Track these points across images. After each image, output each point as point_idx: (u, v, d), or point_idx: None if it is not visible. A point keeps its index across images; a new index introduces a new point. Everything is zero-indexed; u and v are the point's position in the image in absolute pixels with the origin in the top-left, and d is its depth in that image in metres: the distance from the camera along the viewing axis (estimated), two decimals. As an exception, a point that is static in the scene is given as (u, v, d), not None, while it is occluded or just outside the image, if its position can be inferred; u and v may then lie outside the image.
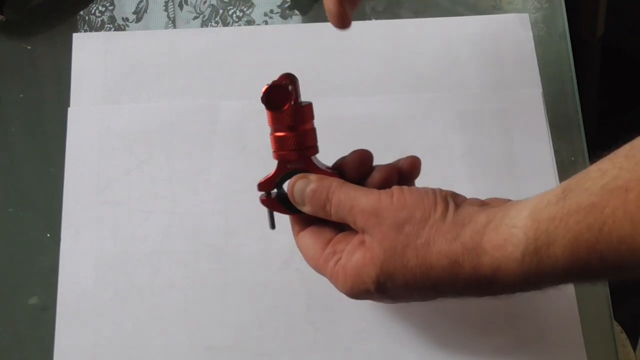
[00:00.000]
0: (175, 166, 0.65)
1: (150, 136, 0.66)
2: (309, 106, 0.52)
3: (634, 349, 0.84)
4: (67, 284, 0.61)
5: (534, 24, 0.71)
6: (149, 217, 0.63)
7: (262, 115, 0.66)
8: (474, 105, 0.67)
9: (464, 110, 0.67)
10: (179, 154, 0.65)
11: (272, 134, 0.52)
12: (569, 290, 0.60)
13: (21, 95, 0.69)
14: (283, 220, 0.55)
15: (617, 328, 0.80)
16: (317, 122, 0.53)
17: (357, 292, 0.50)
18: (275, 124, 0.51)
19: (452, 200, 0.48)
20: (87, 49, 0.69)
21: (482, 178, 0.64)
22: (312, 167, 0.52)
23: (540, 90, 0.67)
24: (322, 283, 0.60)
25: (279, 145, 0.52)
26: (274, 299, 0.60)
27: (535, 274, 0.44)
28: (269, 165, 0.53)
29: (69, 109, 0.67)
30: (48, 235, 0.63)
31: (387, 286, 0.48)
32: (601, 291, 0.61)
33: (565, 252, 0.43)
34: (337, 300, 0.60)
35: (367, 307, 0.60)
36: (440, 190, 0.49)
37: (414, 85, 0.68)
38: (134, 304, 0.60)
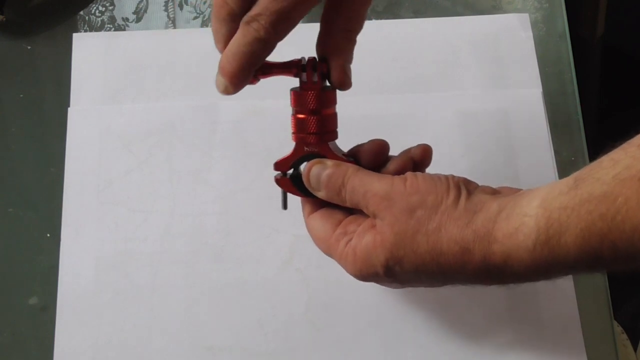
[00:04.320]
0: (175, 166, 0.65)
1: (150, 136, 0.66)
2: (333, 91, 0.52)
3: (635, 349, 0.84)
4: (67, 284, 0.61)
5: (534, 24, 0.71)
6: (149, 217, 0.63)
7: (262, 115, 0.67)
8: (474, 105, 0.67)
9: (464, 110, 0.67)
10: (179, 154, 0.65)
11: (293, 115, 0.51)
12: (569, 290, 0.60)
13: (21, 95, 0.69)
14: (284, 219, 0.55)
15: (618, 328, 0.80)
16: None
17: (366, 275, 0.49)
18: (298, 106, 0.51)
19: (465, 187, 0.48)
20: (87, 49, 0.69)
21: (482, 178, 0.63)
22: (329, 152, 0.51)
23: (540, 90, 0.67)
24: (322, 283, 0.61)
25: (299, 127, 0.51)
26: (274, 299, 0.60)
27: (546, 263, 0.44)
28: (269, 165, 0.53)
29: (69, 109, 0.67)
30: (48, 235, 0.63)
31: (396, 270, 0.48)
32: (601, 292, 0.61)
33: (577, 242, 0.43)
34: (337, 300, 0.60)
35: (367, 307, 0.60)
36: (453, 176, 0.49)
37: (414, 85, 0.68)
38: (134, 304, 0.60)
